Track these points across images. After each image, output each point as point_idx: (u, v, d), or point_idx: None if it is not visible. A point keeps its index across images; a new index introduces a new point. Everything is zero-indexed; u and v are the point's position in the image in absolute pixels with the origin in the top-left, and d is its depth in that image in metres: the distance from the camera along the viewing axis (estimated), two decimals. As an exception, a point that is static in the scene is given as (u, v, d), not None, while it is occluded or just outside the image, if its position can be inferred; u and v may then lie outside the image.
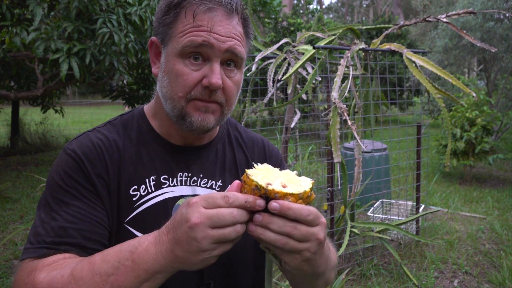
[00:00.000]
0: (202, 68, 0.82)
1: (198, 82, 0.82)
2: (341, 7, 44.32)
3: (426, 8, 22.07)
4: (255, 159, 1.04)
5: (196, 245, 0.64)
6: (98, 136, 0.89)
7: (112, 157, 0.87)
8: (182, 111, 0.84)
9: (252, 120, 4.71)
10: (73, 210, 0.80)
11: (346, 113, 2.68)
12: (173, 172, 0.92)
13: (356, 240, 3.58)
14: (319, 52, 3.17)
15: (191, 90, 0.83)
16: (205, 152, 0.96)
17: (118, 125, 0.94)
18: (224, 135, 1.03)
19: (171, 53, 0.83)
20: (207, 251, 0.64)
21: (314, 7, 17.90)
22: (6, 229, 4.22)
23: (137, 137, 0.92)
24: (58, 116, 8.92)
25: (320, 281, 0.84)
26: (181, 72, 0.82)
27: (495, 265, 3.50)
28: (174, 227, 0.66)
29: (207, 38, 0.79)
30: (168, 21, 0.84)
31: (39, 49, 3.88)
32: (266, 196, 0.65)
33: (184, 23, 0.81)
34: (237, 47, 0.83)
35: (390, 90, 4.02)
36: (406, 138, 5.39)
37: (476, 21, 7.91)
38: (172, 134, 0.93)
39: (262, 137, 1.11)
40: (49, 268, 0.73)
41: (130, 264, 0.67)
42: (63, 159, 0.86)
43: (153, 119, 0.95)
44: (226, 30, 0.81)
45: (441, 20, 3.16)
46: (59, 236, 0.78)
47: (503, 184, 6.22)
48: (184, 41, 0.80)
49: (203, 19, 0.80)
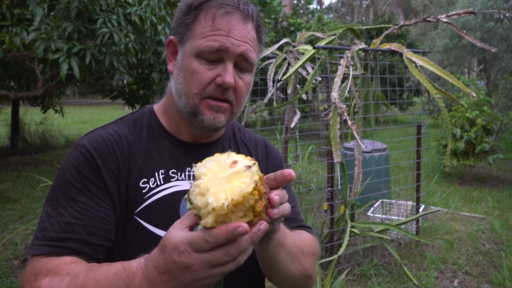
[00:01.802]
0: (216, 68, 0.87)
1: (212, 80, 0.86)
2: (341, 7, 44.31)
3: (426, 8, 22.08)
4: (259, 158, 1.07)
5: (201, 283, 0.65)
6: (109, 132, 0.92)
7: (122, 152, 0.90)
8: (195, 108, 0.88)
9: (252, 120, 4.71)
10: (79, 206, 0.82)
11: (346, 113, 2.68)
12: (181, 166, 0.94)
13: (356, 240, 3.58)
14: (319, 52, 3.17)
15: (205, 87, 0.87)
16: (212, 149, 0.99)
17: (128, 121, 0.97)
18: (230, 134, 1.06)
19: (188, 52, 0.88)
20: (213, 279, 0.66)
21: (314, 7, 17.91)
22: (6, 229, 4.22)
23: (147, 133, 0.96)
24: (58, 116, 8.92)
25: (293, 265, 0.89)
26: (196, 70, 0.86)
27: (495, 265, 3.50)
28: (171, 270, 0.64)
29: (223, 43, 0.84)
30: (188, 22, 0.88)
31: (39, 49, 3.87)
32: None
33: (203, 25, 0.86)
34: (249, 53, 0.88)
35: (390, 90, 4.02)
36: (406, 138, 5.39)
37: (476, 21, 7.91)
38: (182, 130, 0.96)
39: (264, 138, 1.14)
40: (52, 274, 0.75)
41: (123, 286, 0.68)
42: (73, 155, 0.88)
43: (163, 116, 0.99)
44: (241, 34, 0.86)
45: (441, 20, 3.16)
46: (65, 231, 0.80)
47: (503, 184, 6.22)
48: (203, 46, 0.85)
49: (221, 22, 0.85)
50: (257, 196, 0.61)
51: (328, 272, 2.62)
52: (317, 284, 2.57)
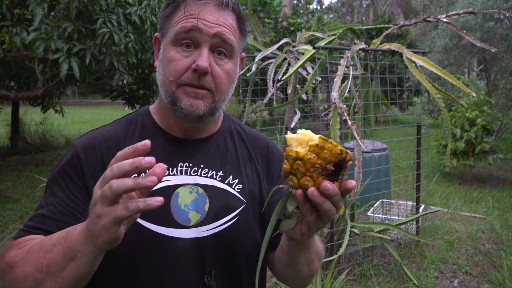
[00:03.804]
0: (192, 55, 0.87)
1: (188, 67, 0.87)
2: (341, 7, 44.31)
3: (426, 8, 22.07)
4: (258, 155, 1.05)
5: (101, 224, 0.65)
6: (101, 131, 0.96)
7: (109, 149, 0.91)
8: (173, 95, 0.88)
9: (252, 120, 4.71)
10: (56, 201, 0.87)
11: (346, 113, 2.68)
12: (173, 162, 0.94)
13: (356, 240, 3.58)
14: (319, 52, 3.17)
15: (181, 75, 0.87)
16: (206, 145, 0.99)
17: (123, 121, 1.00)
18: (226, 131, 1.05)
19: (167, 42, 0.89)
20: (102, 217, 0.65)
21: (314, 7, 17.91)
22: (6, 229, 4.22)
23: (140, 131, 0.97)
24: (58, 116, 8.91)
25: (306, 268, 0.92)
26: (173, 58, 0.87)
27: (495, 265, 3.50)
28: (90, 219, 0.68)
29: (195, 23, 0.85)
30: (166, 15, 0.90)
31: (39, 49, 3.87)
32: (343, 159, 0.67)
33: (178, 15, 0.88)
34: (225, 34, 0.87)
35: (390, 90, 4.02)
36: (406, 138, 5.39)
37: (476, 21, 7.90)
38: (173, 126, 0.97)
39: (266, 136, 1.13)
40: (18, 246, 0.81)
41: (62, 243, 0.71)
42: (65, 153, 0.94)
43: (156, 114, 1.00)
44: (214, 18, 0.87)
45: (441, 20, 3.16)
46: (39, 223, 0.86)
47: (503, 184, 6.22)
48: (176, 28, 0.87)
49: (193, 8, 0.86)
50: (313, 156, 0.66)
51: (328, 272, 2.62)
52: (317, 284, 2.57)
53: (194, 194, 0.92)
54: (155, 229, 0.88)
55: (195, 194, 0.92)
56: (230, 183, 0.97)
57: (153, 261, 0.87)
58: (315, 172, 0.66)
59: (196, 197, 0.92)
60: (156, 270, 0.88)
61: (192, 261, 0.89)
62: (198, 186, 0.93)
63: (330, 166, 0.66)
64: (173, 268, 0.88)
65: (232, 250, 0.94)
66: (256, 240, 0.97)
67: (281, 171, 0.71)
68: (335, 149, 0.66)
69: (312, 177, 0.66)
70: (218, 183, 0.95)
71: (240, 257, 0.95)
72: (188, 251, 0.89)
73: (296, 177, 0.67)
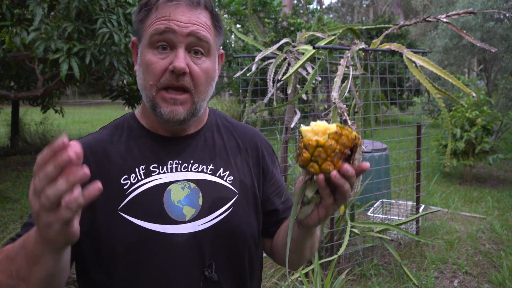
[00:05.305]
0: (169, 56, 0.87)
1: (165, 69, 0.87)
2: (341, 7, 44.29)
3: (426, 8, 22.08)
4: (247, 146, 1.06)
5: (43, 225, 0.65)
6: (87, 139, 0.97)
7: (95, 155, 0.92)
8: (153, 101, 0.89)
9: (252, 120, 4.71)
10: None
11: (346, 113, 2.68)
12: (163, 160, 0.95)
13: (356, 240, 3.58)
14: (319, 52, 3.16)
15: (160, 77, 0.87)
16: (194, 141, 1.00)
17: (109, 127, 1.01)
18: (212, 125, 1.05)
19: (144, 46, 0.90)
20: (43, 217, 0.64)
21: (314, 7, 17.89)
22: (6, 229, 4.22)
23: (127, 135, 0.97)
24: (58, 116, 8.91)
25: (309, 251, 0.99)
26: (150, 61, 0.87)
27: (495, 265, 3.50)
28: None
29: (168, 24, 0.86)
30: (140, 19, 0.91)
31: (39, 49, 3.87)
32: (356, 144, 0.73)
33: (151, 18, 0.88)
34: (200, 32, 0.87)
35: (390, 90, 4.01)
36: (406, 138, 5.38)
37: (476, 21, 7.90)
38: (158, 128, 0.97)
39: (253, 128, 1.14)
40: (1, 255, 0.81)
41: (23, 251, 0.72)
42: None
43: (142, 117, 1.00)
44: (187, 18, 0.87)
45: (441, 20, 3.15)
46: (23, 230, 0.87)
47: (503, 184, 6.22)
48: (149, 31, 0.88)
49: (165, 9, 0.87)
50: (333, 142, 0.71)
51: (328, 272, 2.62)
52: (317, 284, 2.57)
53: (187, 189, 0.93)
54: (151, 227, 0.88)
55: (188, 190, 0.93)
56: (221, 176, 0.98)
57: (152, 259, 0.88)
58: (335, 157, 0.71)
59: (189, 192, 0.93)
60: (155, 267, 0.88)
61: (191, 255, 0.90)
62: (189, 182, 0.94)
63: (347, 151, 0.71)
64: (172, 264, 0.89)
65: (230, 241, 0.95)
66: (253, 229, 0.99)
67: (297, 161, 0.75)
68: (351, 135, 0.71)
69: (333, 162, 0.71)
70: (210, 177, 0.96)
71: (239, 247, 0.97)
72: (186, 246, 0.90)
73: (318, 164, 0.72)
